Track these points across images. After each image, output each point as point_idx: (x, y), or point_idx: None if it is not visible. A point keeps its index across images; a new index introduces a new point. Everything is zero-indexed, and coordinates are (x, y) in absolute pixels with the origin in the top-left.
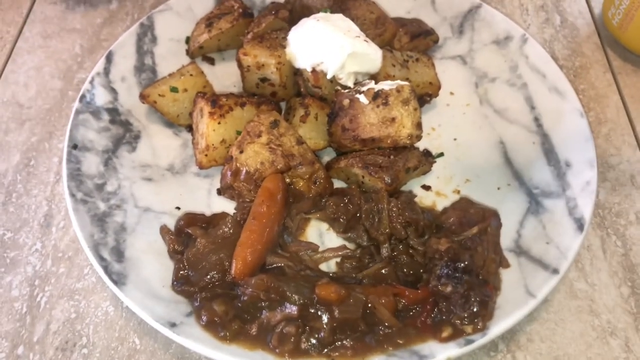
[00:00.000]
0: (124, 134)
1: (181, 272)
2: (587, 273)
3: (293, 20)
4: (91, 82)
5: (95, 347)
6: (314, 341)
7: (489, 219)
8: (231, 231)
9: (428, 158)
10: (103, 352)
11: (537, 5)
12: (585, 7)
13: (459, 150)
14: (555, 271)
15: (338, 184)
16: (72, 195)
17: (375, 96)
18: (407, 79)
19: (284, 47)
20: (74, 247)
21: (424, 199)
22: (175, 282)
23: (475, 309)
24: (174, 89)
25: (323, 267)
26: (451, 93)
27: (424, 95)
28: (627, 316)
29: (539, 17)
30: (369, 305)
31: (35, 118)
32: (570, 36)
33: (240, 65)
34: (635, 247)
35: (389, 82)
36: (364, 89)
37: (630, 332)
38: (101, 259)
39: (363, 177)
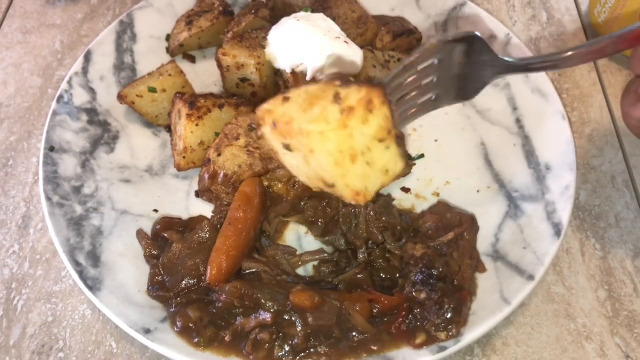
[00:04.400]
0: (102, 134)
1: (156, 278)
2: (564, 276)
3: (275, 18)
4: (69, 81)
5: (72, 350)
6: (287, 347)
7: (465, 223)
8: (207, 235)
9: (408, 160)
10: (79, 355)
11: (524, 1)
12: (572, 4)
13: (440, 152)
14: (530, 277)
15: None
16: (48, 198)
17: None
18: None
19: (263, 47)
20: (51, 249)
21: (403, 201)
22: (150, 287)
23: (448, 316)
24: (152, 89)
25: (300, 270)
26: None
27: None
28: (603, 320)
29: (526, 14)
30: (344, 311)
31: (14, 116)
32: (556, 33)
33: (219, 65)
34: (613, 251)
35: None
36: None
37: (605, 336)
38: (76, 263)
39: None
